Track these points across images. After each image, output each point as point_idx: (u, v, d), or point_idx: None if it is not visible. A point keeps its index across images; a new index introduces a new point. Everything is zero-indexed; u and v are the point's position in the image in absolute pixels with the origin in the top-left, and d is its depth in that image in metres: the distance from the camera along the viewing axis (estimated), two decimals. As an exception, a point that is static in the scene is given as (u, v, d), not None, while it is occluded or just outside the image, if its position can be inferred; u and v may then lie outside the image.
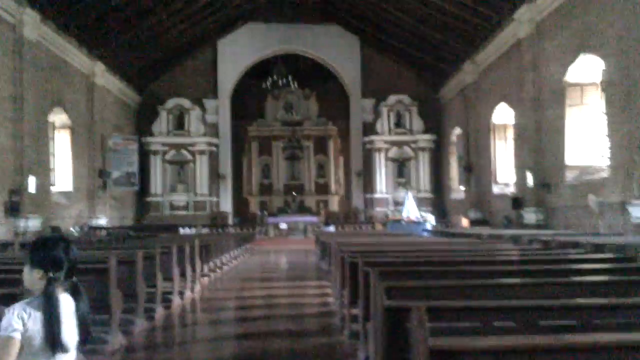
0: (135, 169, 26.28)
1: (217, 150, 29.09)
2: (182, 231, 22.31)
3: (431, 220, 22.85)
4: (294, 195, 30.52)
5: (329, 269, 10.78)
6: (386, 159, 28.99)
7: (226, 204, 29.21)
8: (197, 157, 28.59)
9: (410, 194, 23.43)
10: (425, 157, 29.00)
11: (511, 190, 20.20)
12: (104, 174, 23.64)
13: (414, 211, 21.97)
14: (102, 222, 22.77)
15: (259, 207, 31.08)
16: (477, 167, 23.63)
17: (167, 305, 8.42)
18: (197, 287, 10.36)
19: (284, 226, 26.47)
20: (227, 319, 8.30)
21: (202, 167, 28.55)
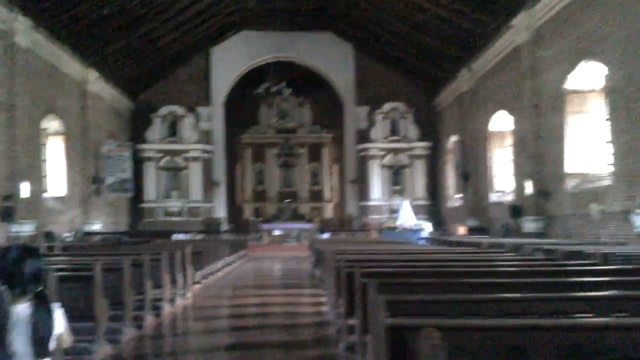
0: (129, 175, 26.08)
1: (211, 157, 28.88)
2: (176, 237, 22.12)
3: (428, 228, 22.68)
4: (288, 202, 30.31)
5: (323, 277, 10.55)
6: (381, 166, 28.76)
7: (220, 211, 28.98)
8: (191, 164, 28.34)
9: (406, 202, 23.28)
10: (420, 164, 28.77)
11: (509, 198, 20.01)
12: (97, 180, 23.50)
13: (411, 218, 21.78)
14: (96, 227, 22.63)
15: (252, 214, 30.90)
16: (474, 174, 23.43)
17: (157, 313, 8.20)
18: (189, 295, 10.14)
19: (277, 233, 26.26)
20: (219, 327, 8.07)
21: (196, 174, 28.30)
